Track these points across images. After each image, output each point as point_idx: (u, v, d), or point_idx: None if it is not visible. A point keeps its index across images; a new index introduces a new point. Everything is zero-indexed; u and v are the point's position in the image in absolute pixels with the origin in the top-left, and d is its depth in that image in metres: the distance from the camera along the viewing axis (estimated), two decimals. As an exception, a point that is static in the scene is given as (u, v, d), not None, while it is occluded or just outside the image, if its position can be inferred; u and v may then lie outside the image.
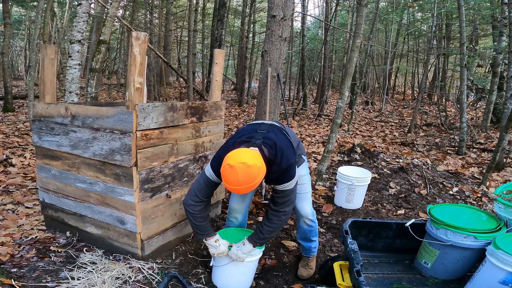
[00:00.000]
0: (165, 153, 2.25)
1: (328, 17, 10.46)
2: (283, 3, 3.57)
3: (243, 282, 2.11)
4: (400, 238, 2.18)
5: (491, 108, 7.75)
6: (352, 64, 3.92)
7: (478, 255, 1.83)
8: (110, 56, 15.41)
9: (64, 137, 2.27)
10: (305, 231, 2.25)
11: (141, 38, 1.98)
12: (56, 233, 2.52)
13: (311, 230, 2.25)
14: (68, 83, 3.78)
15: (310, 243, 2.30)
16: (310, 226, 2.23)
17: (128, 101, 2.03)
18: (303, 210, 2.19)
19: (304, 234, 2.27)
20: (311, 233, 2.26)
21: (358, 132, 7.94)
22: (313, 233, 2.27)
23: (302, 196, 2.16)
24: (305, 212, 2.18)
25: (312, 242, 2.30)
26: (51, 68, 2.42)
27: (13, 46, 16.54)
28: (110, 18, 4.46)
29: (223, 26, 11.42)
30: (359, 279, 1.52)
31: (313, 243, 2.31)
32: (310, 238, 2.28)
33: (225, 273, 2.07)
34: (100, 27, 5.81)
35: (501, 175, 4.62)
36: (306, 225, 2.22)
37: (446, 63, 12.36)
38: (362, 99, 12.85)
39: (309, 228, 2.23)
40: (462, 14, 6.52)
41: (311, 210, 2.21)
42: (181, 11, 15.37)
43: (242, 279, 2.11)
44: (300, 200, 2.16)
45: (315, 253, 2.37)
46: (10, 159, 4.30)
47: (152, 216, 2.23)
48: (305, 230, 2.24)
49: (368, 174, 3.46)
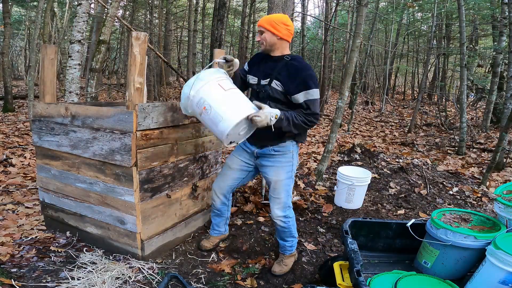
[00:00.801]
0: (165, 153, 2.25)
1: (328, 17, 10.46)
2: (283, 3, 3.58)
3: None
4: (400, 238, 2.18)
5: (491, 108, 7.75)
6: (352, 64, 3.92)
7: (478, 255, 1.83)
8: (110, 56, 15.42)
9: (64, 137, 2.27)
10: (278, 231, 2.28)
11: (141, 38, 1.98)
12: (56, 233, 2.52)
13: (284, 231, 2.26)
14: (68, 83, 3.78)
15: (285, 242, 2.32)
16: (282, 227, 2.22)
17: (128, 101, 2.03)
18: (273, 211, 2.20)
19: (278, 233, 2.30)
20: (284, 233, 2.26)
21: (358, 132, 7.94)
22: (287, 234, 2.27)
23: (274, 199, 2.18)
24: (275, 213, 2.19)
25: (286, 242, 2.32)
26: (51, 68, 2.42)
27: (13, 46, 16.54)
28: (110, 18, 4.45)
29: (223, 26, 11.40)
30: (359, 279, 1.52)
31: (287, 242, 2.31)
32: (284, 238, 2.30)
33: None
34: (100, 27, 5.81)
35: (501, 175, 4.62)
36: (279, 226, 2.23)
37: (446, 63, 12.36)
38: (362, 99, 12.85)
39: (282, 229, 2.24)
40: (462, 14, 6.52)
41: (283, 213, 2.18)
42: (181, 11, 15.37)
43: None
44: (272, 201, 2.19)
45: (292, 252, 2.35)
46: (10, 159, 4.30)
47: (152, 216, 2.23)
48: (278, 230, 2.28)
49: (368, 174, 3.46)
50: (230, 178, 2.31)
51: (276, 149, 2.10)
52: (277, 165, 2.12)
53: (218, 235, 2.57)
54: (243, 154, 2.25)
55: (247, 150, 2.22)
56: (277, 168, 2.12)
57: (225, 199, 2.41)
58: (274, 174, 2.13)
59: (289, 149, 2.11)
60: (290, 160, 2.13)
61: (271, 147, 2.09)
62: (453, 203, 3.63)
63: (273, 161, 2.12)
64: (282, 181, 2.13)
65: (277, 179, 2.12)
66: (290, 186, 2.18)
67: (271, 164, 2.13)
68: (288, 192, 2.17)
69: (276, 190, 2.15)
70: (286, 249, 2.34)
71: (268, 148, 2.10)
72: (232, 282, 2.16)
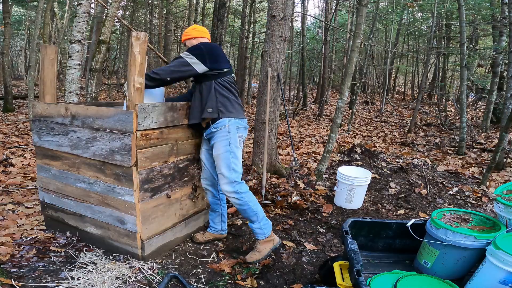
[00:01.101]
0: (165, 153, 2.25)
1: (328, 17, 10.46)
2: (283, 3, 3.57)
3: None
4: (400, 238, 2.18)
5: (491, 108, 7.75)
6: (352, 64, 3.92)
7: (478, 255, 1.83)
8: (110, 56, 15.42)
9: (64, 137, 2.27)
10: (240, 211, 2.29)
11: (141, 38, 1.98)
12: (56, 233, 2.52)
13: (243, 210, 2.25)
14: (68, 83, 3.78)
15: (251, 223, 2.31)
16: (239, 205, 2.24)
17: (128, 101, 2.03)
18: (222, 188, 2.27)
19: (242, 215, 2.31)
20: (245, 212, 2.26)
21: (358, 132, 7.94)
22: (248, 212, 2.25)
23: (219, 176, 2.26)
24: (224, 190, 2.25)
25: (253, 223, 2.29)
26: (51, 68, 2.42)
27: (13, 46, 16.54)
28: (110, 18, 4.45)
29: (223, 26, 11.39)
30: (359, 279, 1.52)
31: (254, 223, 2.29)
32: (249, 218, 2.29)
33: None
34: (100, 27, 5.81)
35: (501, 175, 4.62)
36: (235, 204, 2.26)
37: (446, 63, 12.36)
38: (362, 99, 12.85)
39: (239, 207, 2.25)
40: (462, 14, 6.52)
41: (232, 189, 2.21)
42: (181, 11, 15.37)
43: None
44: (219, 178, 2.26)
45: (265, 236, 2.31)
46: (10, 159, 4.30)
47: (152, 216, 2.23)
48: (239, 210, 2.29)
49: (368, 174, 3.46)
50: (206, 168, 2.48)
51: (214, 127, 2.27)
52: (215, 141, 2.28)
53: (213, 232, 2.61)
54: (204, 143, 2.46)
55: (204, 138, 2.43)
56: (216, 143, 2.27)
57: (215, 191, 2.52)
58: (214, 149, 2.28)
59: (224, 124, 2.26)
60: (226, 134, 2.25)
61: (211, 125, 2.28)
62: (453, 203, 3.63)
63: (213, 138, 2.29)
64: (220, 154, 2.24)
65: (216, 154, 2.27)
66: (230, 160, 2.23)
67: (213, 141, 2.30)
68: (229, 166, 2.23)
69: (217, 165, 2.27)
70: (257, 233, 2.32)
71: (209, 128, 2.29)
72: (232, 282, 2.16)
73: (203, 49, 2.24)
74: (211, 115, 2.24)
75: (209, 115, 2.24)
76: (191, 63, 2.21)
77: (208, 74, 2.26)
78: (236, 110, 2.33)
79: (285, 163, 4.55)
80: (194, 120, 2.31)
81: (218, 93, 2.27)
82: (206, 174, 2.50)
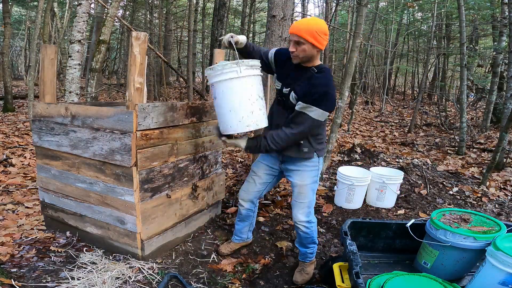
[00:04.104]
0: (165, 153, 2.25)
1: (328, 17, 10.46)
2: (283, 3, 3.57)
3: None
4: (400, 238, 2.18)
5: (491, 108, 7.75)
6: (352, 64, 3.92)
7: (477, 256, 1.83)
8: (110, 56, 15.42)
9: (64, 137, 2.27)
10: (300, 237, 2.22)
11: (141, 38, 1.98)
12: (56, 233, 2.52)
13: (306, 237, 2.20)
14: (68, 83, 3.78)
15: (306, 248, 2.27)
16: (305, 233, 2.17)
17: (128, 101, 2.03)
18: (296, 216, 2.15)
19: (300, 239, 2.25)
20: (306, 240, 2.21)
21: (358, 132, 7.94)
22: (308, 240, 2.22)
23: (298, 204, 2.13)
24: (298, 218, 2.15)
25: (308, 248, 2.26)
26: (51, 68, 2.42)
27: (13, 46, 16.54)
28: (110, 18, 4.45)
29: (223, 26, 11.41)
30: (358, 281, 1.52)
31: (309, 249, 2.27)
32: (305, 244, 2.25)
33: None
34: (100, 27, 5.81)
35: (501, 175, 4.62)
36: (301, 232, 2.18)
37: (446, 63, 12.36)
38: (362, 99, 12.85)
39: (304, 235, 2.19)
40: (462, 14, 6.51)
41: (306, 218, 2.14)
42: (181, 11, 15.36)
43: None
44: (296, 206, 2.15)
45: (312, 259, 2.32)
46: (10, 159, 4.30)
47: (152, 216, 2.23)
48: (300, 236, 2.22)
49: (368, 174, 3.46)
50: (257, 184, 2.28)
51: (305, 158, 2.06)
52: (302, 169, 2.08)
53: (239, 241, 2.53)
54: (268, 159, 2.23)
55: (272, 155, 2.19)
56: (302, 172, 2.08)
57: (252, 205, 2.38)
58: (300, 178, 2.09)
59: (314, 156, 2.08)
60: (316, 165, 2.10)
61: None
62: (453, 203, 3.63)
63: (298, 165, 2.08)
64: (307, 185, 2.09)
65: (302, 183, 2.09)
66: (314, 191, 2.15)
67: (296, 168, 2.09)
68: (312, 197, 2.13)
69: (301, 194, 2.11)
70: (307, 256, 2.28)
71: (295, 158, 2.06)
72: (232, 282, 2.16)
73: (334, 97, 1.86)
74: (307, 155, 2.03)
75: (305, 155, 2.02)
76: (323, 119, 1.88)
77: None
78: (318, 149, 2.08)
79: (285, 163, 4.54)
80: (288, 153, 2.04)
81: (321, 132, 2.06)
82: (253, 189, 2.29)
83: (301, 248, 2.28)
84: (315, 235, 2.23)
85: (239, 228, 2.48)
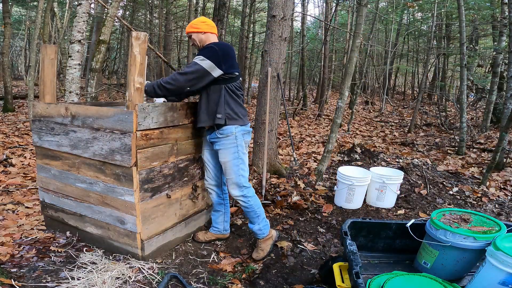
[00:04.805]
0: (165, 153, 2.25)
1: (328, 17, 10.45)
2: (283, 3, 3.57)
3: None
4: (400, 238, 2.18)
5: (491, 108, 7.75)
6: (352, 64, 3.92)
7: (477, 256, 1.83)
8: (110, 56, 15.42)
9: (64, 137, 2.27)
10: (244, 212, 2.41)
11: (141, 38, 1.98)
12: (56, 233, 2.52)
13: (248, 212, 2.38)
14: (68, 83, 3.78)
15: (253, 224, 2.43)
16: (244, 207, 2.37)
17: (128, 101, 2.03)
18: (230, 192, 2.35)
19: (245, 215, 2.45)
20: (249, 214, 2.39)
21: (358, 132, 7.94)
22: (251, 214, 2.39)
23: (228, 181, 2.33)
24: (232, 194, 2.34)
25: (254, 224, 2.42)
26: (51, 68, 2.42)
27: (13, 46, 16.53)
28: (110, 18, 4.45)
29: (223, 26, 11.39)
30: (358, 281, 1.52)
31: (255, 225, 2.42)
32: (251, 220, 2.42)
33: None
34: (100, 27, 5.81)
35: (501, 175, 4.62)
36: (241, 206, 2.38)
37: (446, 63, 12.36)
38: (362, 99, 12.85)
39: (245, 209, 2.38)
40: (462, 14, 6.51)
41: (239, 193, 2.32)
42: (181, 11, 15.36)
43: None
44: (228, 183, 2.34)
45: (265, 235, 2.45)
46: (10, 159, 4.30)
47: (152, 216, 2.23)
48: (244, 211, 2.42)
49: (368, 174, 3.46)
50: (209, 168, 2.48)
51: (220, 133, 2.26)
52: (222, 148, 2.29)
53: (216, 232, 2.63)
54: (206, 144, 2.45)
55: (207, 140, 2.41)
56: (223, 150, 2.29)
57: (219, 191, 2.54)
58: (222, 156, 2.31)
59: (231, 132, 2.27)
60: (233, 142, 2.28)
61: (216, 131, 2.27)
62: (453, 203, 3.63)
63: (219, 144, 2.30)
64: (228, 162, 2.29)
65: (224, 160, 2.30)
66: (238, 167, 2.31)
67: (219, 147, 2.31)
68: (237, 172, 2.31)
69: (227, 171, 2.32)
70: (257, 233, 2.45)
71: (214, 132, 2.29)
72: (232, 282, 2.16)
73: (218, 51, 2.13)
74: (219, 121, 2.21)
75: (218, 121, 2.21)
76: (208, 69, 2.12)
77: (219, 78, 2.19)
78: (242, 117, 2.32)
79: (285, 163, 4.55)
80: (202, 124, 2.28)
81: (227, 99, 2.24)
82: (209, 174, 2.50)
83: (250, 226, 2.47)
84: (257, 210, 2.40)
85: (214, 218, 2.62)
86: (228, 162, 2.29)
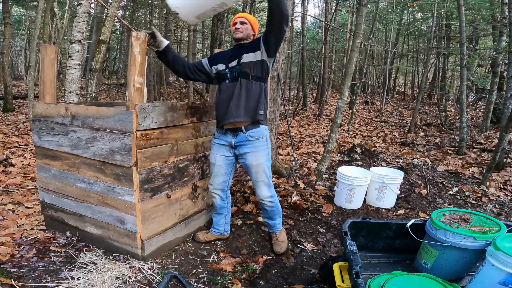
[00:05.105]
0: (165, 153, 2.25)
1: (328, 17, 10.45)
2: (283, 3, 3.57)
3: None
4: (400, 238, 2.18)
5: (491, 108, 7.75)
6: (352, 64, 3.92)
7: (477, 256, 1.83)
8: (110, 56, 15.42)
9: (64, 137, 2.27)
10: (267, 212, 2.46)
11: (141, 38, 1.98)
12: (56, 233, 2.52)
13: (273, 211, 2.45)
14: (68, 83, 3.78)
15: (274, 221, 2.52)
16: (271, 207, 2.42)
17: (128, 101, 2.03)
18: (261, 194, 2.37)
19: (267, 214, 2.49)
20: (273, 213, 2.46)
21: (358, 132, 7.94)
22: (275, 212, 2.47)
23: (259, 183, 2.34)
24: (263, 195, 2.37)
25: (275, 220, 2.52)
26: (51, 68, 2.42)
27: (13, 46, 16.53)
28: (110, 18, 4.45)
29: (223, 26, 11.41)
30: (358, 281, 1.52)
31: (277, 220, 2.52)
32: (273, 217, 2.50)
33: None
34: (100, 27, 5.81)
35: (501, 175, 4.62)
36: (268, 207, 2.41)
37: (446, 63, 12.36)
38: (362, 99, 12.85)
39: (271, 209, 2.43)
40: (462, 14, 6.51)
41: (269, 193, 2.37)
42: (181, 11, 15.33)
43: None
44: (258, 186, 2.35)
45: (280, 228, 2.57)
46: (10, 159, 4.30)
47: (152, 216, 2.23)
48: (267, 211, 2.46)
49: (368, 174, 3.46)
50: (220, 174, 2.43)
51: (251, 135, 2.24)
52: (254, 151, 2.26)
53: (216, 234, 2.62)
54: (221, 149, 2.37)
55: (224, 144, 2.35)
56: (255, 153, 2.27)
57: (223, 195, 2.53)
58: (253, 159, 2.27)
59: (263, 134, 2.28)
60: (265, 144, 2.30)
61: (245, 133, 2.23)
62: (453, 203, 3.63)
63: (250, 147, 2.26)
64: (261, 164, 2.29)
65: (257, 163, 2.28)
66: (269, 168, 2.36)
67: (249, 150, 2.26)
68: (268, 173, 2.35)
69: (259, 173, 2.31)
70: (276, 227, 2.54)
71: (243, 134, 2.24)
72: (232, 282, 2.16)
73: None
74: (260, 118, 2.21)
75: (260, 117, 2.20)
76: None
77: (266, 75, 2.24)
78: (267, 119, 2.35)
79: (285, 163, 4.55)
80: (237, 119, 2.20)
81: (265, 97, 2.26)
82: (217, 180, 2.44)
83: (269, 222, 2.54)
84: (280, 207, 2.50)
85: (216, 220, 2.62)
86: (260, 164, 2.28)
